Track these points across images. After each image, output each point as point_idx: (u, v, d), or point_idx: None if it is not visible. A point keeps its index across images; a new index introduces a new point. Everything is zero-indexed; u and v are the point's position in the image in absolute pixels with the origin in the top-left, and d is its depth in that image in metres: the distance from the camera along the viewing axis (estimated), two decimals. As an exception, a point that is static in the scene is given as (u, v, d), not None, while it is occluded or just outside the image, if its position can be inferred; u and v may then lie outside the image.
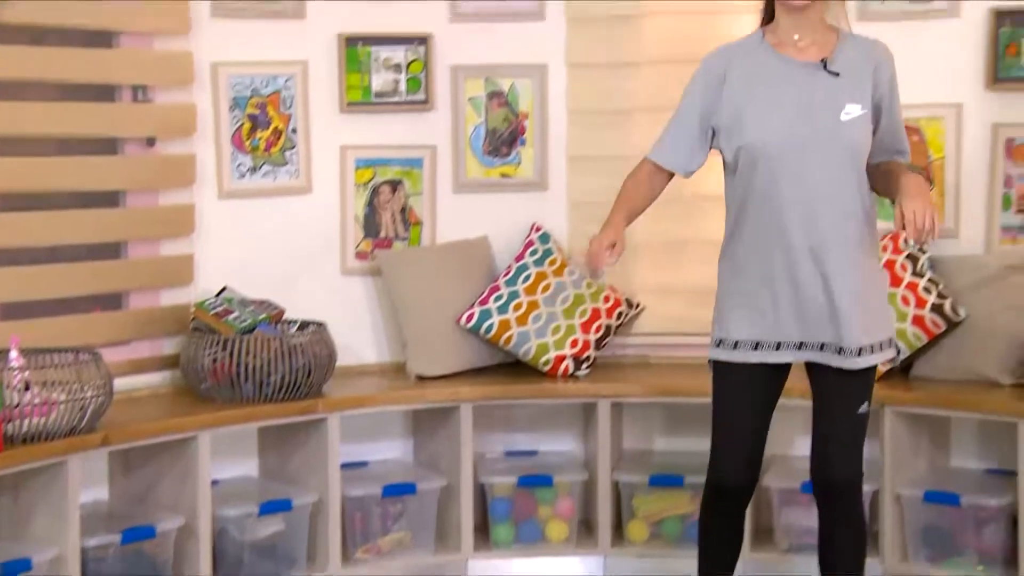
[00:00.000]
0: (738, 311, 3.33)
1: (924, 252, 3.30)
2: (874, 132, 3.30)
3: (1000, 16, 4.22)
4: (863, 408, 3.34)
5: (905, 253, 4.26)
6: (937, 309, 4.17)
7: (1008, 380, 4.12)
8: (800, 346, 3.31)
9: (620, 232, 3.37)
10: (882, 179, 3.32)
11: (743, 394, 3.36)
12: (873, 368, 3.35)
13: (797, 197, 3.23)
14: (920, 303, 4.18)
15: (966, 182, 4.33)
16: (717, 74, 3.33)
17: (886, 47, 3.35)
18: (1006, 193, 4.28)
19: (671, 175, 3.44)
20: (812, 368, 3.37)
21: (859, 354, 3.27)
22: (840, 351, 3.27)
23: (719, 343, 3.36)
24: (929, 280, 4.22)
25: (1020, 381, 4.09)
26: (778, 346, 3.31)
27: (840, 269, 3.24)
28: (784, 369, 3.38)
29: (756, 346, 3.33)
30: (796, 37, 3.28)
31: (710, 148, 3.39)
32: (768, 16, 3.37)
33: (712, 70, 3.34)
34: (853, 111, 3.23)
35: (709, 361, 3.40)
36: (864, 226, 3.30)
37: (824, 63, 3.25)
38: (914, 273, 4.23)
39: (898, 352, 3.43)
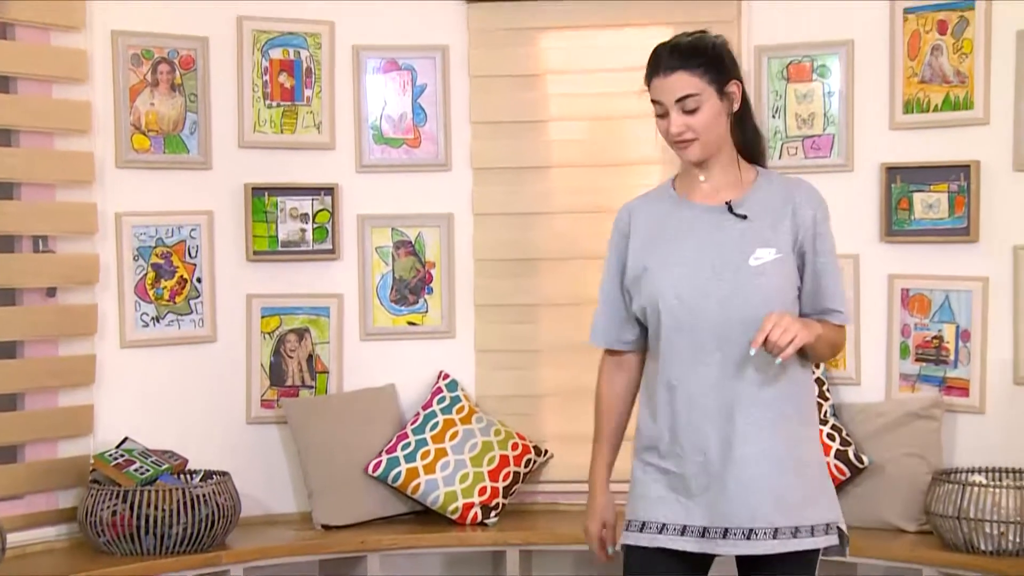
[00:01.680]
0: (646, 486, 2.93)
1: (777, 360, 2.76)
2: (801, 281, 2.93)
3: (891, 172, 4.36)
4: None
5: (808, 400, 4.33)
6: (841, 456, 4.22)
7: (912, 527, 4.16)
8: (704, 532, 2.85)
9: (603, 506, 2.99)
10: None
11: None
12: (807, 560, 2.85)
13: (705, 356, 2.85)
14: (824, 450, 4.22)
15: (865, 331, 4.43)
16: (622, 232, 3.01)
17: (812, 188, 2.97)
18: (903, 342, 4.38)
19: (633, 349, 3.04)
20: (739, 560, 2.92)
21: (774, 536, 2.80)
22: (751, 534, 2.81)
23: (628, 524, 2.95)
24: (832, 427, 4.27)
25: (923, 528, 4.13)
26: (683, 530, 2.88)
27: (751, 436, 2.82)
28: (706, 556, 2.91)
29: (662, 529, 2.89)
30: (702, 179, 2.94)
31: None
32: None
33: (618, 228, 3.02)
34: (764, 256, 2.85)
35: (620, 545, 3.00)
36: (790, 386, 2.86)
37: (729, 205, 2.91)
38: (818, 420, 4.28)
39: (843, 542, 2.92)
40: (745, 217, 2.88)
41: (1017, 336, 4.16)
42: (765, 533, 2.80)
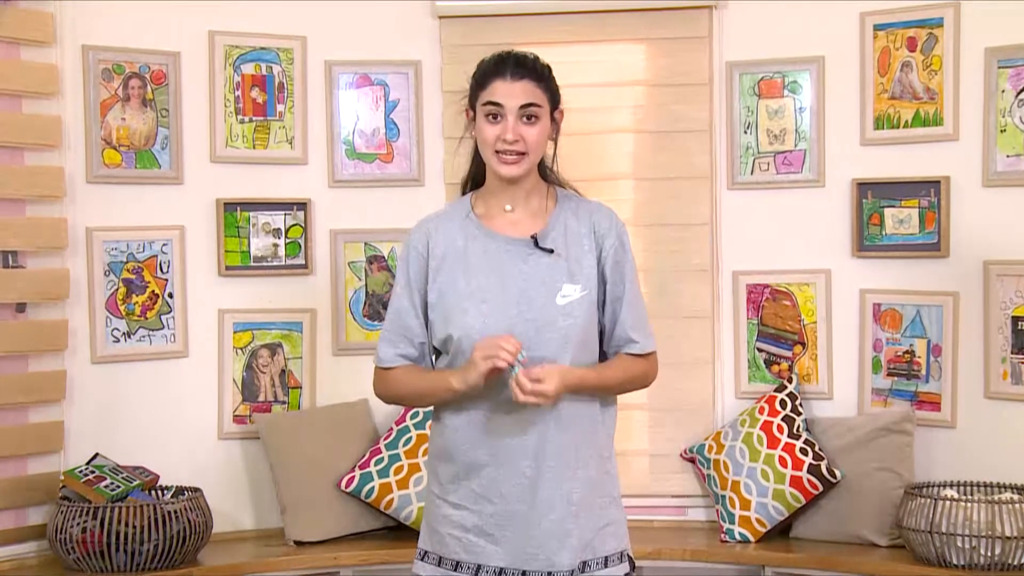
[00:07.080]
0: (441, 519, 2.87)
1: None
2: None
3: (862, 187, 4.38)
4: None
5: (781, 415, 4.34)
6: (814, 470, 4.23)
7: (884, 541, 4.17)
8: (500, 573, 2.81)
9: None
10: None
11: None
12: None
13: (508, 397, 2.73)
14: (797, 464, 4.24)
15: (837, 346, 4.44)
16: (420, 252, 2.88)
17: (610, 211, 2.90)
18: (875, 356, 4.40)
19: None
20: None
21: (583, 572, 2.81)
22: None
23: (422, 555, 2.91)
24: (805, 441, 4.28)
25: (895, 542, 4.14)
26: (477, 570, 2.83)
27: (553, 480, 2.78)
28: None
29: (456, 567, 2.85)
30: (508, 207, 2.85)
31: None
32: (477, 180, 2.94)
33: (415, 248, 2.89)
34: (571, 293, 2.78)
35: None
36: (591, 428, 2.83)
37: (535, 239, 2.82)
38: (790, 435, 4.29)
39: (632, 568, 2.90)
40: (552, 251, 2.81)
41: (987, 350, 4.18)
42: (564, 574, 2.80)
